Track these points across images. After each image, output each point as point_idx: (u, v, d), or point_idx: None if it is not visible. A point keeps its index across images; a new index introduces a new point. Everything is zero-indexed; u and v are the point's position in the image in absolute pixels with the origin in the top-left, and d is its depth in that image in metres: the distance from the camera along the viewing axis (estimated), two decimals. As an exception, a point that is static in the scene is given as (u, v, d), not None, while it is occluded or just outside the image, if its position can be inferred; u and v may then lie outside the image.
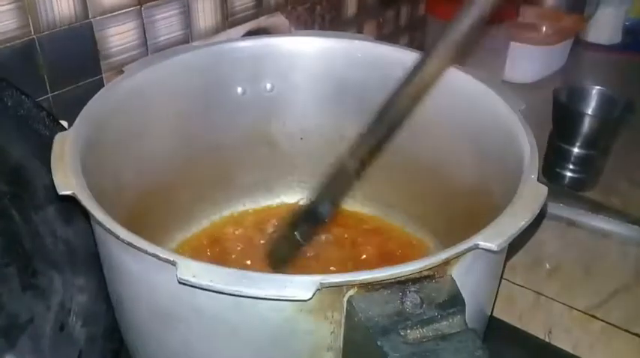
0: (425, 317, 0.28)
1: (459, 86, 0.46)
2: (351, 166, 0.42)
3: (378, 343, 0.27)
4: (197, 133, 0.50)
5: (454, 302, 0.28)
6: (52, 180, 0.35)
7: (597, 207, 0.66)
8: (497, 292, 0.40)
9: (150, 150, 0.47)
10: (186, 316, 0.32)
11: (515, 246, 0.44)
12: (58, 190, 0.33)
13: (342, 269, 0.47)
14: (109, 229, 0.31)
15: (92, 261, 0.44)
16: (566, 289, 0.58)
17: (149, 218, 0.45)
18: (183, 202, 0.52)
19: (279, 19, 0.68)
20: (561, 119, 0.69)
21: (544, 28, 0.93)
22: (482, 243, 0.30)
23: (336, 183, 0.44)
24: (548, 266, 0.61)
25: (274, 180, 0.56)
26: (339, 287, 0.29)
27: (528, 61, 0.92)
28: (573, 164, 0.69)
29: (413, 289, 0.28)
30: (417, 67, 0.37)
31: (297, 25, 0.71)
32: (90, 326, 0.45)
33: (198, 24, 0.60)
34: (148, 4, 0.55)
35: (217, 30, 0.62)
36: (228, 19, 0.63)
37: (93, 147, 0.39)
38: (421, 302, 0.28)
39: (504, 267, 0.39)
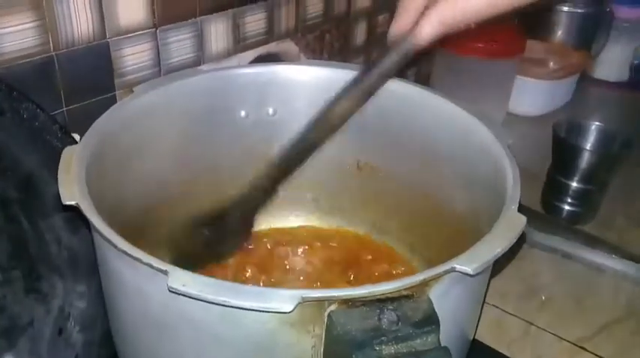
0: (400, 334, 0.29)
1: (452, 119, 0.48)
2: (262, 185, 0.46)
3: (354, 356, 0.28)
4: (199, 153, 0.52)
5: (429, 321, 0.30)
6: (60, 189, 0.37)
7: (593, 242, 0.67)
8: (479, 317, 0.41)
9: (153, 167, 0.48)
10: (175, 325, 0.33)
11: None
12: (62, 200, 0.35)
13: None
14: (107, 238, 0.33)
15: (93, 270, 0.46)
16: (558, 320, 0.59)
17: (147, 233, 0.47)
18: (181, 220, 0.53)
19: (289, 46, 0.71)
20: (560, 153, 0.71)
21: (551, 63, 0.95)
22: (459, 267, 0.31)
23: (246, 199, 0.47)
24: (543, 297, 0.62)
25: (272, 202, 0.57)
26: (321, 302, 0.30)
27: (533, 94, 0.94)
28: (571, 198, 0.70)
29: (391, 307, 0.30)
30: (334, 101, 0.42)
31: (306, 52, 0.73)
32: (87, 332, 0.46)
33: (210, 47, 0.63)
34: (163, 27, 0.57)
35: (229, 53, 0.65)
36: (239, 44, 0.65)
37: (99, 161, 0.40)
38: (397, 320, 0.29)
39: (487, 291, 0.40)
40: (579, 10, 0.98)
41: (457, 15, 0.36)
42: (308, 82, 0.53)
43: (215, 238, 0.48)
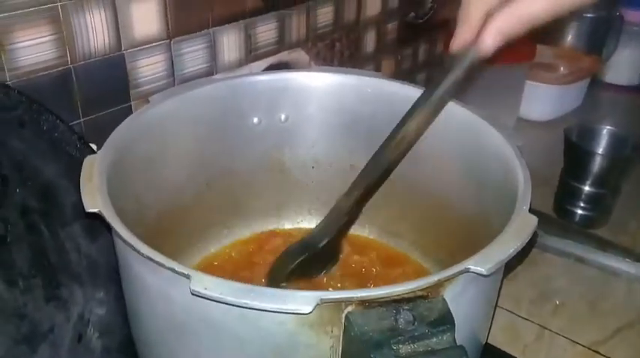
0: (416, 334, 0.29)
1: (463, 122, 0.48)
2: (345, 206, 0.47)
3: (372, 356, 0.29)
4: (214, 160, 0.53)
5: (444, 320, 0.30)
6: (79, 198, 0.37)
7: (606, 245, 0.67)
8: (492, 320, 0.41)
9: (169, 174, 0.49)
10: (196, 328, 0.34)
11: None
12: (85, 208, 0.36)
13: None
14: (131, 244, 0.33)
15: (112, 277, 0.47)
16: (571, 324, 0.59)
17: (166, 238, 0.48)
18: (198, 224, 0.54)
19: (299, 55, 0.72)
20: (572, 157, 0.71)
21: (561, 68, 0.95)
22: (473, 267, 0.32)
23: (332, 221, 0.48)
24: (557, 302, 0.62)
25: (286, 206, 0.58)
26: (339, 303, 0.31)
27: (544, 99, 0.94)
28: (584, 202, 0.71)
29: (407, 307, 0.30)
30: (406, 118, 0.42)
31: (317, 61, 0.74)
32: (106, 338, 0.47)
33: (223, 57, 0.64)
34: (177, 38, 0.58)
35: (241, 63, 0.66)
36: (251, 54, 0.66)
37: (118, 170, 0.41)
38: (414, 320, 0.30)
39: (499, 293, 0.40)
40: (589, 15, 0.98)
41: (518, 23, 0.36)
42: (320, 88, 0.54)
43: (307, 266, 0.49)
